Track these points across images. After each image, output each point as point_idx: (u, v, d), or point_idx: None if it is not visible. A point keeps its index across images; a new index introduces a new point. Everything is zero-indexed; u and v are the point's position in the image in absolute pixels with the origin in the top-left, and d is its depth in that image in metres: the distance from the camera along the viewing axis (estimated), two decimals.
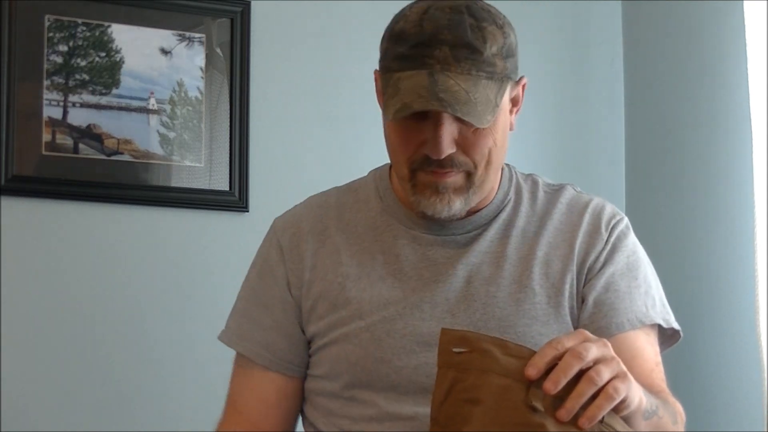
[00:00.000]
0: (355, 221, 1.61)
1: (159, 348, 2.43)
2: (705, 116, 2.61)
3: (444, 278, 1.54)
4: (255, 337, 1.61)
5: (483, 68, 1.44)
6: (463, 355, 1.19)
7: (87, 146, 2.42)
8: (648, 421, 1.33)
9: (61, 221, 2.40)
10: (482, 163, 1.49)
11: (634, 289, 1.56)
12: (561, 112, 2.83)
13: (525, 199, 1.61)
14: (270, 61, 2.58)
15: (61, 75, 2.41)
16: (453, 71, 1.42)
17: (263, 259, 1.64)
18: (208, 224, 2.50)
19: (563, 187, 1.63)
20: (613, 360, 1.19)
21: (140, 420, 2.40)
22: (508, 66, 1.48)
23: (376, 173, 1.66)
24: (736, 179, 2.50)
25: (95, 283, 2.41)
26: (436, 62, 1.42)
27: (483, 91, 1.43)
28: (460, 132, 1.46)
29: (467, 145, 1.47)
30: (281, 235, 1.63)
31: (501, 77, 1.46)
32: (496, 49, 1.45)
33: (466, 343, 1.20)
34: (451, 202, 1.49)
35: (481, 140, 1.47)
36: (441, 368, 1.20)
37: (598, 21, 2.90)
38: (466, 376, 1.18)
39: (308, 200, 1.67)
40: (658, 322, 1.56)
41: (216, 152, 2.51)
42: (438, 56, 1.42)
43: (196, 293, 2.48)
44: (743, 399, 2.43)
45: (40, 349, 2.36)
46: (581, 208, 1.59)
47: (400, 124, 1.47)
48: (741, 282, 2.45)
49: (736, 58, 2.50)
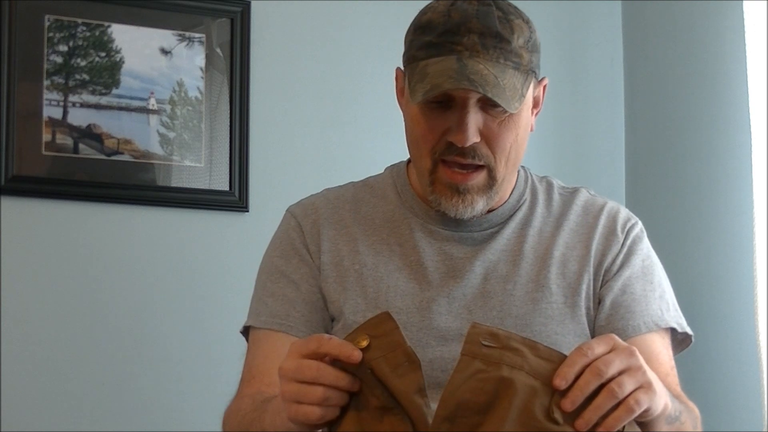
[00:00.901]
0: (372, 215, 1.60)
1: (159, 347, 2.43)
2: (705, 116, 2.61)
3: (461, 274, 1.54)
4: (274, 309, 1.56)
5: (510, 58, 1.45)
6: (492, 350, 1.19)
7: (87, 146, 2.42)
8: (670, 425, 1.33)
9: (61, 221, 2.40)
10: (503, 158, 1.49)
11: (650, 292, 1.56)
12: (561, 112, 2.83)
13: (540, 200, 1.61)
14: (270, 61, 2.58)
15: (61, 75, 2.41)
16: (481, 58, 1.43)
17: (284, 242, 1.61)
18: (208, 224, 2.50)
19: (578, 189, 1.64)
20: (639, 370, 1.18)
21: (140, 420, 2.40)
22: (533, 60, 1.49)
23: (393, 169, 1.65)
24: (736, 179, 2.50)
25: (95, 283, 2.41)
26: (464, 49, 1.43)
27: (510, 80, 1.44)
28: (485, 122, 1.46)
29: (491, 137, 1.47)
30: (301, 219, 1.60)
31: (526, 70, 1.47)
32: (523, 41, 1.47)
33: (495, 339, 1.19)
34: (474, 202, 1.50)
35: (505, 132, 1.48)
36: (465, 356, 1.19)
37: (598, 21, 2.90)
38: (493, 369, 1.17)
39: (324, 192, 1.66)
40: (672, 326, 1.57)
41: (216, 152, 2.51)
42: (466, 43, 1.43)
43: (196, 293, 2.48)
44: (743, 399, 2.43)
45: (40, 349, 2.36)
46: (597, 211, 1.60)
47: (424, 111, 1.47)
48: (740, 282, 2.45)
49: (736, 58, 2.50)
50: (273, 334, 1.55)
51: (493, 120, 1.47)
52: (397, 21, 2.33)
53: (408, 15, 1.61)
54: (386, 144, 2.49)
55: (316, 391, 1.21)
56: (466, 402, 1.17)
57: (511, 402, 1.16)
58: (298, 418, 1.23)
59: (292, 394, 1.22)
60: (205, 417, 2.41)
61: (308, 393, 1.21)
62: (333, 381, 1.21)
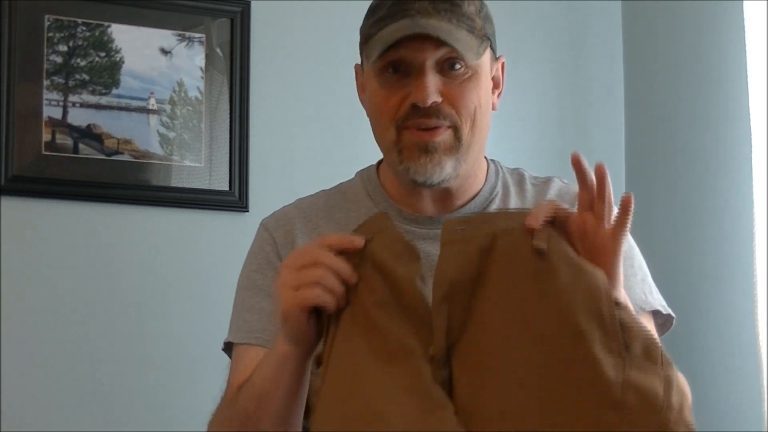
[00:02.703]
0: (346, 219, 1.59)
1: (159, 348, 2.43)
2: (705, 116, 2.61)
3: None
4: (252, 324, 1.56)
5: (463, 21, 1.44)
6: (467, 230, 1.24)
7: (87, 146, 2.42)
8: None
9: (61, 221, 2.40)
10: (468, 119, 1.47)
11: (631, 276, 1.56)
12: (561, 112, 2.83)
13: (513, 192, 1.60)
14: (270, 61, 2.58)
15: (61, 75, 2.41)
16: (433, 18, 1.43)
17: (259, 256, 1.61)
18: (208, 224, 2.50)
19: (550, 179, 1.63)
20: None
21: (140, 420, 2.40)
22: (486, 28, 1.48)
23: (363, 173, 1.65)
24: (736, 179, 2.50)
25: (95, 282, 2.41)
26: (417, 13, 1.43)
27: (465, 38, 1.43)
28: (445, 84, 1.45)
29: (453, 96, 1.46)
30: (274, 231, 1.60)
31: (481, 35, 1.46)
32: (474, 9, 1.46)
33: (467, 223, 1.26)
34: (443, 162, 1.47)
35: (467, 92, 1.46)
36: (445, 245, 1.25)
37: (598, 21, 2.90)
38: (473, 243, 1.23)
39: (296, 202, 1.65)
40: (657, 308, 1.57)
41: (216, 152, 2.51)
42: (417, 8, 1.43)
43: (195, 293, 2.48)
44: (743, 399, 2.43)
45: (40, 349, 2.36)
46: (572, 198, 1.57)
47: (383, 81, 1.47)
48: (740, 281, 2.45)
49: (736, 58, 2.50)
50: (252, 348, 1.54)
51: (453, 81, 1.45)
52: None
53: None
54: None
55: (316, 270, 1.25)
56: (458, 280, 1.22)
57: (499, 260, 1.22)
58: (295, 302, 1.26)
59: (291, 281, 1.26)
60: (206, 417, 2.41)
61: (308, 274, 1.25)
62: (333, 264, 1.25)
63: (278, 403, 1.38)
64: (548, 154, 2.79)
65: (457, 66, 1.45)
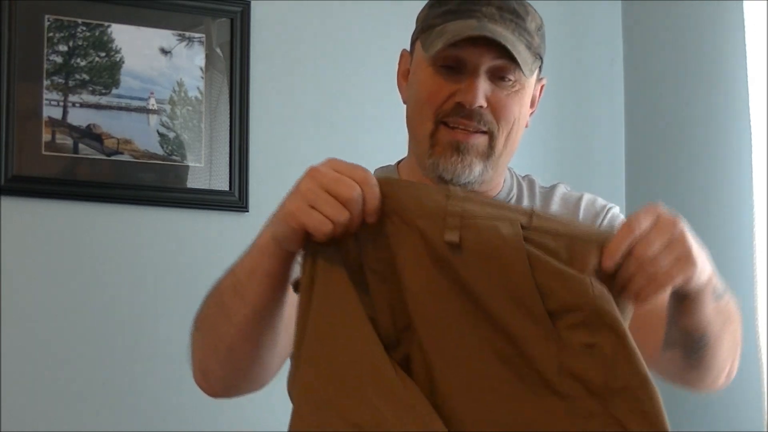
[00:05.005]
0: None
1: (159, 347, 2.43)
2: (705, 116, 2.61)
3: None
4: None
5: (524, 35, 1.47)
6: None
7: (87, 146, 2.42)
8: (717, 301, 1.32)
9: (61, 221, 2.40)
10: (505, 129, 1.50)
11: None
12: (561, 112, 2.83)
13: (526, 195, 1.63)
14: (270, 61, 2.58)
15: (61, 75, 2.41)
16: (499, 25, 1.45)
17: None
18: (208, 224, 2.50)
19: (555, 185, 1.66)
20: (679, 242, 1.19)
21: (140, 420, 2.40)
22: (541, 47, 1.52)
23: (383, 170, 1.65)
24: (736, 179, 2.50)
25: (95, 282, 2.41)
26: (483, 16, 1.46)
27: (524, 52, 1.46)
28: (493, 91, 1.48)
29: (497, 105, 1.48)
30: None
31: (536, 53, 1.50)
32: (535, 26, 1.50)
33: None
34: (473, 165, 1.49)
35: (510, 104, 1.49)
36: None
37: (598, 21, 2.90)
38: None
39: None
40: None
41: (216, 152, 2.51)
42: (485, 12, 1.46)
43: (195, 293, 2.47)
44: (743, 399, 2.43)
45: (40, 349, 2.36)
46: (575, 201, 1.62)
47: (435, 74, 1.48)
48: (740, 282, 2.45)
49: (736, 58, 2.50)
50: None
51: (501, 91, 1.48)
52: (397, 21, 2.34)
53: (408, 15, 1.62)
54: (386, 144, 2.49)
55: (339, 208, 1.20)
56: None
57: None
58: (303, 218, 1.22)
59: (312, 196, 1.24)
60: (206, 417, 2.42)
61: (329, 204, 1.21)
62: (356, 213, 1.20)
63: (252, 297, 1.36)
64: (549, 155, 2.79)
65: (508, 77, 1.48)
